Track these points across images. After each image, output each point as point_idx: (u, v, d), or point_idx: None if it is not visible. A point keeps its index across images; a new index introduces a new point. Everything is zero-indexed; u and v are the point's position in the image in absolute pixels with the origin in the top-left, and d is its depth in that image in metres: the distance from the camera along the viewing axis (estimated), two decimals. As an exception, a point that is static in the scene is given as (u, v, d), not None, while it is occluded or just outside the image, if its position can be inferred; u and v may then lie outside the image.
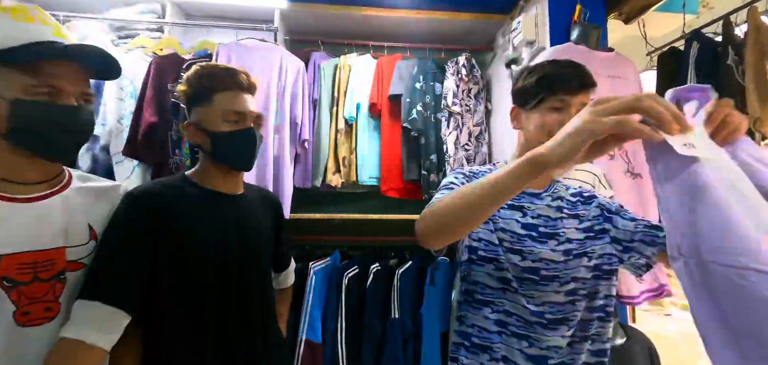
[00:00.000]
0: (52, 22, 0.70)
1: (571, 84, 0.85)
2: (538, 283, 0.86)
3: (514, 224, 0.90)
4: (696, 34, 1.65)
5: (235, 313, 0.91)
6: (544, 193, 0.94)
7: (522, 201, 0.93)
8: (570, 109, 0.84)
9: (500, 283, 0.88)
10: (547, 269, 0.86)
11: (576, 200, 0.94)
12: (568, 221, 0.90)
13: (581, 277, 0.86)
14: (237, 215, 0.96)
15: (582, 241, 0.88)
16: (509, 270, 0.87)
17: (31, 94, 0.68)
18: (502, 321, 0.88)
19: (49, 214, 0.73)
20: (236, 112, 0.91)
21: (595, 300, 0.87)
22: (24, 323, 0.67)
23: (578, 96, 0.84)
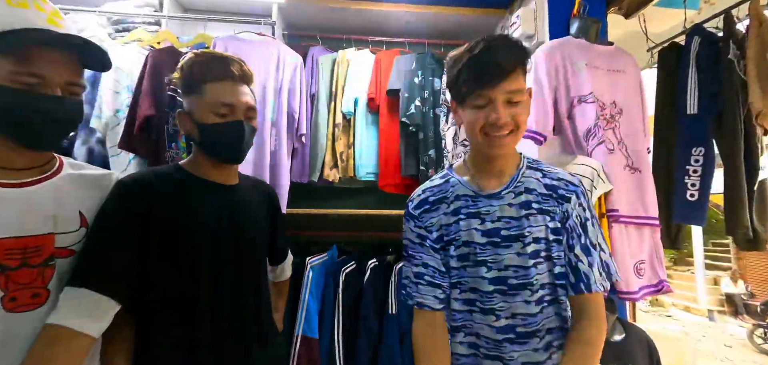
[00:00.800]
0: (48, 9, 0.70)
1: (489, 77, 0.78)
2: (506, 294, 0.82)
3: (475, 234, 0.84)
4: (697, 28, 1.64)
5: (229, 303, 0.90)
6: (504, 191, 0.86)
7: (479, 206, 0.86)
8: (496, 104, 0.78)
9: (467, 305, 0.86)
10: (515, 276, 0.82)
11: (549, 194, 0.86)
12: (535, 218, 0.83)
13: (548, 284, 0.83)
14: (230, 206, 0.95)
15: (550, 242, 0.83)
16: (476, 287, 0.84)
17: (14, 81, 0.67)
18: (475, 344, 0.86)
19: (38, 200, 0.72)
20: (225, 104, 0.89)
21: (561, 309, 0.85)
22: (11, 309, 0.67)
23: (500, 86, 0.78)
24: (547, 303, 0.83)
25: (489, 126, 0.80)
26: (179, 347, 0.84)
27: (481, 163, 0.89)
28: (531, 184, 0.87)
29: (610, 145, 1.43)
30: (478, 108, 0.81)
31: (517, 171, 0.88)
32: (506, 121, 0.79)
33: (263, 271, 1.07)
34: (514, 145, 0.85)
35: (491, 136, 0.80)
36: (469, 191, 0.89)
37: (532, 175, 0.88)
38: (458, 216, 0.87)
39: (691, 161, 1.55)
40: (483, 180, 0.89)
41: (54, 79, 0.70)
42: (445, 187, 0.92)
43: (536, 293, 0.82)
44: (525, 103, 0.82)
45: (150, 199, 0.84)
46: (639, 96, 1.57)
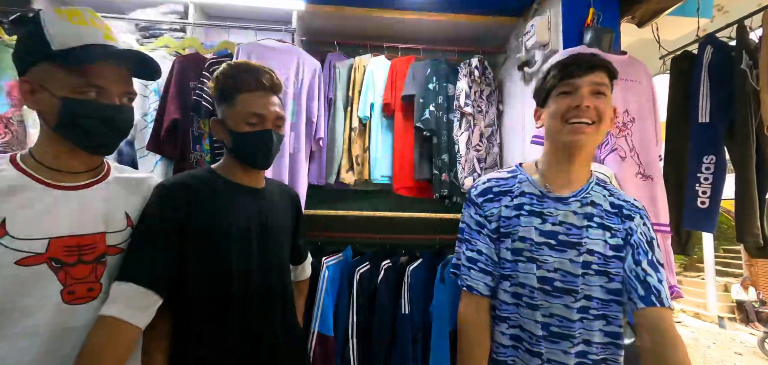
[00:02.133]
0: (103, 25, 0.76)
1: (576, 67, 0.85)
2: (550, 294, 0.84)
3: (533, 231, 0.87)
4: (709, 38, 1.66)
5: (258, 301, 0.96)
6: (572, 198, 0.88)
7: (543, 206, 0.89)
8: (580, 91, 0.83)
9: (514, 298, 0.88)
10: (562, 280, 0.84)
11: (614, 212, 0.88)
12: (595, 231, 0.85)
13: (596, 297, 0.83)
14: (259, 208, 1.01)
15: (607, 258, 0.84)
16: (524, 282, 0.87)
17: (79, 93, 0.73)
18: (518, 336, 0.88)
19: (91, 202, 0.78)
20: (256, 115, 0.95)
21: (611, 325, 0.84)
22: (70, 301, 0.73)
23: (586, 77, 0.84)
24: (592, 317, 0.83)
25: (572, 111, 0.83)
26: (212, 342, 0.90)
27: (553, 166, 0.91)
28: (598, 199, 0.89)
29: (622, 153, 1.46)
30: (565, 95, 0.85)
31: (587, 183, 0.90)
32: (590, 105, 0.82)
33: (288, 271, 1.12)
34: (593, 141, 0.86)
35: (573, 123, 0.83)
36: (536, 190, 0.91)
37: (600, 191, 0.91)
38: (520, 211, 0.90)
39: (703, 169, 1.58)
40: (552, 182, 0.91)
41: (112, 90, 0.76)
42: (511, 181, 0.96)
43: (579, 301, 0.83)
44: (609, 100, 0.86)
45: (188, 201, 0.90)
46: (652, 105, 1.60)
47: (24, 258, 0.69)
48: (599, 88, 0.84)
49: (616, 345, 0.85)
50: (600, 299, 0.84)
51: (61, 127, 0.74)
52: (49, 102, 0.73)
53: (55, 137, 0.76)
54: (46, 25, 0.71)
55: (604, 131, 0.86)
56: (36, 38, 0.71)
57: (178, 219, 0.88)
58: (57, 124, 0.74)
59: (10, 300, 0.68)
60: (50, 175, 0.75)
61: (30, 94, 0.74)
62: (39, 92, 0.73)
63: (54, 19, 0.71)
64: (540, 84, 0.93)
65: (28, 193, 0.71)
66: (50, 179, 0.75)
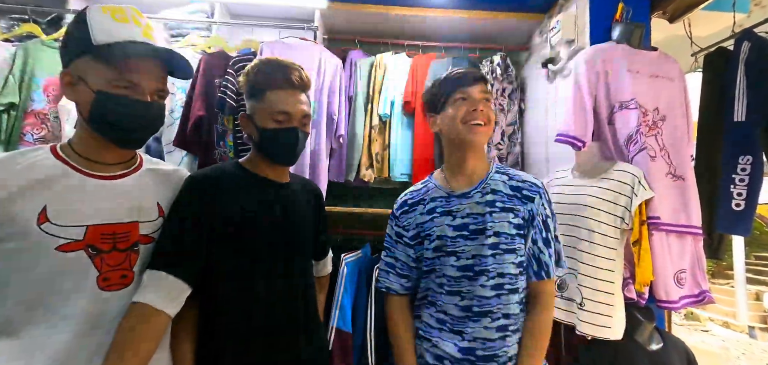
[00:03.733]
0: (143, 23, 0.79)
1: (466, 79, 1.02)
2: (471, 279, 0.96)
3: (447, 228, 1.00)
4: (747, 33, 1.58)
5: (281, 293, 0.97)
6: (473, 191, 1.02)
7: (451, 205, 1.02)
8: (473, 98, 1.00)
9: (440, 287, 1.00)
10: (479, 265, 0.96)
11: (514, 194, 1.01)
12: (499, 215, 0.98)
13: (508, 273, 0.96)
14: (284, 202, 1.03)
15: (512, 237, 0.97)
16: (445, 273, 0.99)
17: (113, 87, 0.76)
18: (442, 319, 0.99)
19: (125, 192, 0.81)
20: (283, 112, 0.96)
21: (519, 294, 0.98)
22: (104, 287, 0.76)
23: (475, 87, 1.01)
24: (506, 291, 0.96)
25: (470, 114, 1.00)
26: (237, 332, 0.92)
27: (455, 166, 1.06)
28: (497, 186, 1.02)
29: (652, 152, 1.41)
30: (462, 101, 1.01)
31: (486, 174, 1.04)
32: (483, 109, 1.00)
33: (310, 265, 1.14)
34: (485, 139, 1.04)
35: (471, 125, 0.99)
36: (443, 193, 1.06)
37: (499, 178, 1.04)
38: (433, 214, 1.04)
39: (738, 170, 1.51)
40: (456, 182, 1.05)
41: (145, 86, 0.78)
42: (423, 191, 1.11)
43: (492, 279, 0.96)
44: (491, 104, 1.04)
45: (216, 194, 0.92)
46: (683, 102, 1.54)
47: (64, 244, 0.72)
48: (485, 95, 1.02)
49: (523, 310, 1.00)
50: (511, 274, 0.97)
51: (94, 119, 0.77)
52: (86, 94, 0.76)
53: (89, 128, 0.79)
54: (90, 21, 0.74)
55: (491, 130, 1.04)
56: (80, 33, 0.74)
57: (207, 211, 0.90)
58: (90, 117, 0.77)
59: (50, 284, 0.71)
60: (87, 164, 0.78)
61: (69, 86, 0.77)
62: (77, 84, 0.76)
63: (97, 16, 0.74)
64: (431, 95, 1.08)
65: (66, 181, 0.75)
66: (87, 169, 0.78)
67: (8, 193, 0.69)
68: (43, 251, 0.70)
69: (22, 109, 1.72)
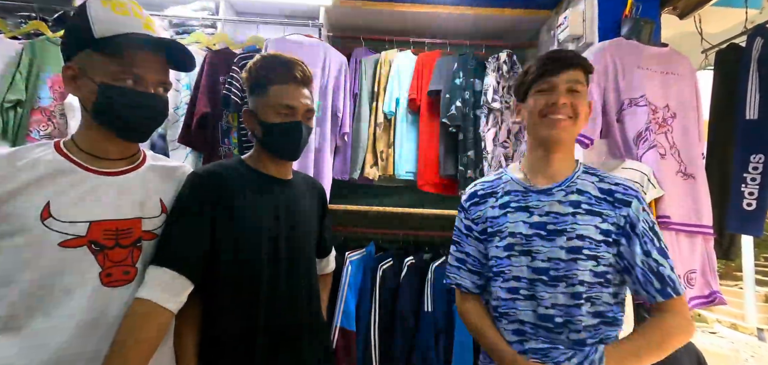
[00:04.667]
0: (145, 16, 0.78)
1: (553, 65, 0.90)
2: (547, 284, 0.87)
3: (521, 225, 0.91)
4: (760, 29, 1.55)
5: (284, 290, 0.96)
6: (555, 188, 0.91)
7: (528, 200, 0.93)
8: (557, 89, 0.89)
9: (510, 293, 0.91)
10: (555, 269, 0.86)
11: (604, 197, 0.89)
12: (584, 218, 0.87)
13: (585, 280, 0.85)
14: (287, 199, 1.02)
15: (597, 243, 0.86)
16: (518, 275, 0.89)
17: (116, 80, 0.75)
18: (519, 330, 0.90)
19: (128, 188, 0.81)
20: (287, 106, 0.96)
21: (595, 306, 0.86)
22: (107, 283, 0.75)
23: (562, 75, 0.89)
24: (584, 300, 0.85)
25: (550, 107, 0.89)
26: (240, 330, 0.91)
27: (535, 162, 0.95)
28: (584, 187, 0.91)
29: (661, 150, 1.39)
30: (542, 93, 0.90)
31: (572, 173, 0.93)
32: (566, 102, 0.88)
33: (314, 262, 1.13)
34: (570, 135, 0.91)
35: (550, 117, 0.88)
36: (519, 187, 0.95)
37: (588, 178, 0.92)
38: (506, 209, 0.94)
39: (750, 168, 1.48)
40: (536, 178, 0.95)
41: (148, 78, 0.78)
42: (496, 183, 1.01)
43: (573, 287, 0.85)
44: (584, 96, 0.91)
45: (219, 190, 0.92)
46: (694, 100, 1.51)
47: (66, 240, 0.71)
48: (575, 86, 0.89)
49: (605, 324, 0.86)
50: (587, 282, 0.85)
51: (98, 112, 0.76)
52: (89, 88, 0.75)
53: (94, 124, 0.78)
54: (91, 14, 0.73)
55: (580, 125, 0.92)
56: (81, 26, 0.74)
57: (210, 207, 0.89)
58: (94, 110, 0.76)
59: (53, 280, 0.71)
60: (91, 160, 0.78)
61: (72, 80, 0.77)
62: (80, 78, 0.76)
63: (98, 8, 0.74)
64: (520, 80, 0.98)
65: (70, 177, 0.74)
66: (91, 165, 0.77)
67: (11, 189, 0.68)
68: (46, 247, 0.70)
69: (29, 106, 1.73)
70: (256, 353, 0.91)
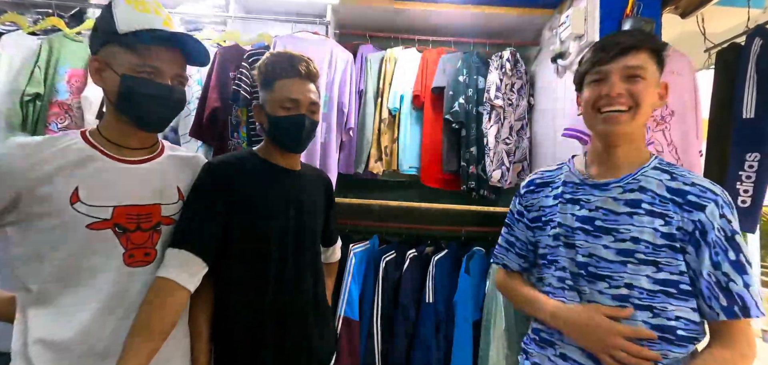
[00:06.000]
0: (164, 14, 0.83)
1: (605, 54, 0.82)
2: (587, 280, 0.84)
3: (570, 218, 0.88)
4: (759, 29, 1.57)
5: (291, 275, 1.02)
6: (613, 184, 0.85)
7: (579, 193, 0.89)
8: (611, 78, 0.81)
9: (560, 282, 0.90)
10: (596, 266, 0.82)
11: (672, 198, 0.80)
12: (641, 219, 0.80)
13: (639, 287, 0.79)
14: (296, 189, 1.07)
15: (656, 247, 0.78)
16: (566, 266, 0.88)
17: (136, 72, 0.81)
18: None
19: (149, 176, 0.87)
20: (291, 100, 1.01)
21: (658, 317, 0.78)
22: (130, 264, 0.81)
23: (617, 62, 0.81)
24: (634, 307, 0.79)
25: (603, 99, 0.82)
26: (249, 311, 0.98)
27: (597, 154, 0.90)
28: (649, 184, 0.83)
29: (659, 147, 1.42)
30: (594, 83, 0.84)
31: (638, 168, 0.85)
32: (621, 92, 0.80)
33: (319, 250, 1.18)
34: (631, 128, 0.83)
35: (605, 113, 0.82)
36: (576, 178, 0.92)
37: (656, 175, 0.84)
38: (560, 199, 0.92)
39: (745, 167, 1.50)
40: (595, 171, 0.90)
41: (165, 71, 0.83)
42: (556, 173, 0.99)
43: (615, 288, 0.80)
44: (648, 83, 0.81)
45: (232, 179, 0.97)
46: (693, 99, 1.54)
47: (93, 222, 0.77)
48: (633, 72, 0.81)
49: (667, 340, 0.77)
50: (645, 289, 0.78)
51: (120, 102, 0.82)
52: (112, 79, 0.81)
53: (118, 115, 0.84)
54: (115, 11, 0.79)
55: (646, 114, 0.82)
56: (107, 22, 0.80)
57: (224, 195, 0.95)
58: (116, 100, 0.82)
59: (80, 259, 0.77)
60: (114, 149, 0.84)
61: (97, 73, 0.82)
62: (105, 71, 0.82)
63: (122, 6, 0.80)
64: (577, 69, 0.92)
65: (96, 164, 0.80)
66: (114, 153, 0.83)
67: (45, 174, 0.74)
68: (74, 228, 0.76)
69: (47, 100, 1.80)
70: (265, 332, 0.97)
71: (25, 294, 0.76)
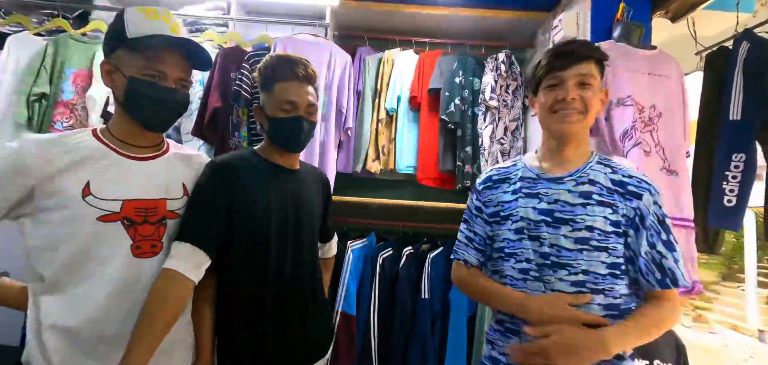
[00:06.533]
0: (173, 22, 0.88)
1: (562, 60, 0.91)
2: (549, 269, 0.90)
3: (531, 211, 0.94)
4: (746, 33, 1.62)
5: (290, 266, 1.07)
6: (567, 178, 0.94)
7: (538, 187, 0.96)
8: (566, 84, 0.90)
9: (522, 274, 0.94)
10: (557, 255, 0.89)
11: (616, 189, 0.90)
12: (594, 208, 0.88)
13: (593, 271, 0.87)
14: (294, 186, 1.12)
15: (606, 234, 0.87)
16: (529, 258, 0.92)
17: (143, 75, 0.86)
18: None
19: (155, 172, 0.91)
20: (289, 102, 1.05)
21: (607, 298, 0.87)
22: (137, 255, 0.86)
23: (570, 70, 0.90)
24: (587, 290, 0.87)
25: (559, 103, 0.91)
26: (250, 303, 1.02)
27: (550, 150, 0.99)
28: (597, 177, 0.92)
29: (646, 147, 1.47)
30: (551, 88, 0.93)
31: (585, 163, 0.95)
32: (575, 97, 0.90)
33: (317, 246, 1.23)
34: (581, 128, 0.93)
35: (560, 113, 0.91)
36: (532, 174, 0.99)
37: (601, 169, 0.94)
38: (518, 194, 0.97)
39: (731, 167, 1.55)
40: (549, 166, 0.98)
41: (169, 74, 0.88)
42: (511, 169, 1.05)
43: (575, 276, 0.87)
44: (595, 90, 0.92)
45: (234, 177, 1.02)
46: (681, 100, 1.58)
47: (104, 215, 0.82)
48: (584, 80, 0.90)
49: (613, 317, 0.87)
50: (599, 274, 0.87)
51: (126, 102, 0.87)
52: (120, 81, 0.86)
53: (125, 115, 0.89)
54: (126, 18, 0.84)
55: (592, 116, 0.93)
56: (118, 29, 0.84)
57: (226, 192, 1.00)
58: (123, 100, 0.87)
59: (90, 250, 0.82)
60: (123, 146, 0.88)
61: (108, 75, 0.87)
62: (114, 73, 0.86)
63: (133, 14, 0.85)
64: (531, 74, 1.01)
65: (106, 161, 0.85)
66: (123, 150, 0.88)
67: (58, 169, 0.79)
68: (86, 220, 0.80)
69: (53, 99, 1.84)
70: (265, 322, 1.01)
71: (39, 283, 0.81)
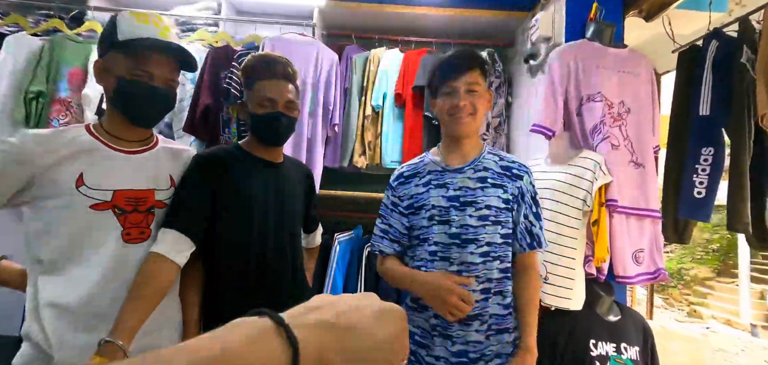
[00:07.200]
0: (162, 26, 0.95)
1: (452, 72, 1.08)
2: (459, 246, 1.06)
3: (441, 199, 1.09)
4: (716, 32, 1.69)
5: (271, 251, 1.14)
6: (466, 167, 1.11)
7: (445, 178, 1.11)
8: (459, 92, 1.07)
9: (431, 255, 1.08)
10: (466, 233, 1.05)
11: (504, 172, 1.11)
12: (489, 190, 1.08)
13: (493, 242, 1.06)
14: (276, 178, 1.19)
15: (500, 210, 1.07)
16: (438, 241, 1.07)
17: (131, 75, 0.93)
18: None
19: (144, 165, 0.98)
20: (269, 99, 1.12)
21: (503, 262, 1.09)
22: (127, 241, 0.93)
23: (462, 78, 1.06)
24: (491, 258, 1.06)
25: (453, 108, 1.08)
26: (235, 282, 1.10)
27: (450, 146, 1.15)
28: (489, 165, 1.12)
29: (615, 141, 1.54)
30: (447, 95, 1.09)
31: (479, 154, 1.14)
32: (466, 103, 1.07)
33: (299, 236, 1.30)
34: (473, 127, 1.10)
35: (455, 116, 1.08)
36: (438, 167, 1.14)
37: (491, 158, 1.14)
38: (428, 186, 1.13)
39: (700, 161, 1.62)
40: (450, 158, 1.14)
41: (157, 74, 0.95)
42: (419, 165, 1.19)
43: (480, 248, 1.05)
44: (481, 94, 1.09)
45: (218, 169, 1.09)
46: (650, 97, 1.66)
47: (96, 204, 0.89)
48: (472, 87, 1.07)
49: (507, 278, 1.11)
50: (497, 243, 1.07)
51: (116, 100, 0.94)
52: (111, 81, 0.93)
53: (115, 112, 0.96)
54: (118, 22, 0.91)
55: (481, 116, 1.11)
56: (110, 31, 0.92)
57: (211, 184, 1.07)
58: (113, 99, 0.94)
59: (84, 235, 0.89)
60: (114, 141, 0.95)
61: (100, 74, 0.94)
62: (106, 72, 0.94)
63: (125, 18, 0.92)
64: (429, 80, 1.16)
65: (98, 154, 0.92)
66: (114, 144, 0.95)
67: (55, 160, 0.86)
68: (79, 209, 0.87)
69: (49, 97, 1.91)
70: (247, 300, 1.08)
71: (37, 265, 0.88)
